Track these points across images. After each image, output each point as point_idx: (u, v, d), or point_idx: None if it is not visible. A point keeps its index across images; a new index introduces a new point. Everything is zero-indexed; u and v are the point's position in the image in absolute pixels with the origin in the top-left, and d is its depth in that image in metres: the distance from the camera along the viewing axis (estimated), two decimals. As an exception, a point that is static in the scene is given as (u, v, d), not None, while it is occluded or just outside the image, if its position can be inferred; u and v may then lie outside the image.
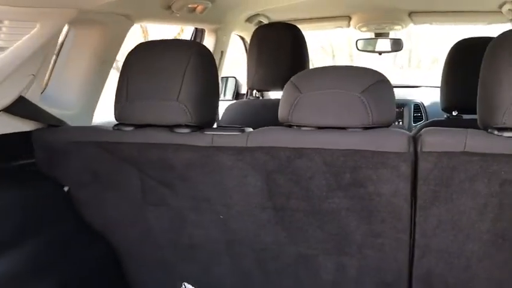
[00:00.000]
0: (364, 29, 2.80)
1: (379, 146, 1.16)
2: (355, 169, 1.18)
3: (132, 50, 1.36)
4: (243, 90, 3.09)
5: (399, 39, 2.89)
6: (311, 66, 2.25)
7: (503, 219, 1.14)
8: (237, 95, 3.15)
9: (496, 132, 1.11)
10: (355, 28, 2.82)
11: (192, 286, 1.52)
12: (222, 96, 3.13)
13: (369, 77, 1.23)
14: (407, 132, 1.19)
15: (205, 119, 1.31)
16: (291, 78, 1.30)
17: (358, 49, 2.98)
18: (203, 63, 1.30)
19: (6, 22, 1.07)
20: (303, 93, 1.23)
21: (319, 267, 1.36)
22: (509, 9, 2.32)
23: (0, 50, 1.11)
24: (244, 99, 2.81)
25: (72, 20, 1.28)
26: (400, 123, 3.03)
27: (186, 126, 1.29)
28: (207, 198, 1.34)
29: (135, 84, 1.30)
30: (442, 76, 1.95)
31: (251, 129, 1.30)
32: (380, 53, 2.94)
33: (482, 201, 1.14)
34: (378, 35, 2.92)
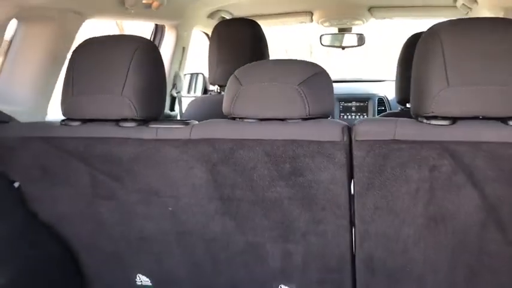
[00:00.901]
0: (326, 24, 2.84)
1: (315, 135, 1.20)
2: (294, 158, 1.22)
3: (78, 45, 1.37)
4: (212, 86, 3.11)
5: (362, 34, 2.95)
6: None
7: (434, 203, 1.19)
8: (205, 91, 3.17)
9: (424, 120, 1.15)
10: (317, 23, 2.86)
11: (146, 277, 1.54)
12: (192, 93, 3.15)
13: (307, 69, 1.26)
14: (344, 122, 1.22)
15: (150, 112, 1.33)
16: (235, 72, 1.33)
17: (322, 44, 3.03)
18: (148, 58, 1.32)
19: None
20: (244, 85, 1.26)
21: (267, 255, 1.40)
22: (463, 4, 2.38)
23: None
24: (207, 94, 2.83)
25: (18, 15, 1.28)
26: (365, 116, 3.08)
27: (132, 120, 1.31)
28: (155, 191, 1.36)
29: (81, 79, 1.32)
30: (397, 70, 2.01)
31: (196, 122, 1.33)
32: (343, 47, 2.99)
33: (414, 187, 1.19)
34: (342, 30, 2.97)
